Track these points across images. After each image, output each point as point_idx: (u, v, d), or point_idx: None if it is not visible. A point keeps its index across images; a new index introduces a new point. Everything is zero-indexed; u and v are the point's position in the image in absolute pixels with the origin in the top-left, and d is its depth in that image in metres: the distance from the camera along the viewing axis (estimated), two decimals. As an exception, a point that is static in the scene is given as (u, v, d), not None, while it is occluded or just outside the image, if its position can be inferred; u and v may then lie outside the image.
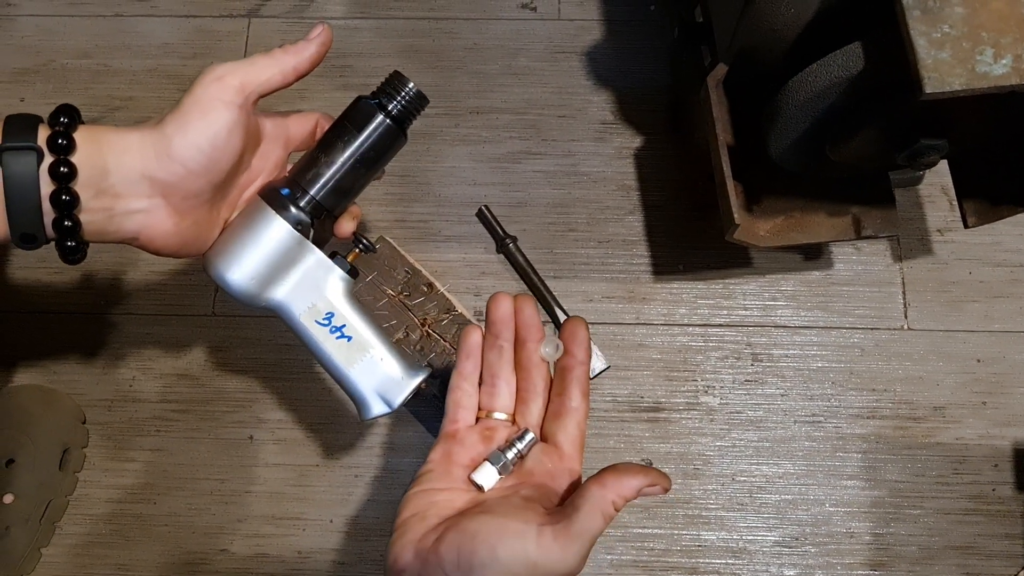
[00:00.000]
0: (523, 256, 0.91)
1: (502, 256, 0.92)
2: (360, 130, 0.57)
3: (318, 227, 0.57)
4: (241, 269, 0.55)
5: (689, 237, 0.92)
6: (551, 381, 0.56)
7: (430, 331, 0.86)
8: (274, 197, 0.56)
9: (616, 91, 0.98)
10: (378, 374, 0.59)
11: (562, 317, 0.89)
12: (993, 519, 0.84)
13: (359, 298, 0.85)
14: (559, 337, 0.55)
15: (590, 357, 0.55)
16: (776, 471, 0.86)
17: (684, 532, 0.85)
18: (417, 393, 0.84)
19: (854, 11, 0.62)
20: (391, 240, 0.90)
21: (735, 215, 0.73)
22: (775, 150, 0.70)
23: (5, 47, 1.02)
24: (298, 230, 0.56)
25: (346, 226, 0.60)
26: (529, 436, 0.53)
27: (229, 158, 0.52)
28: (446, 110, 0.97)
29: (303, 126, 0.59)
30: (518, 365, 0.56)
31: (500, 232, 0.92)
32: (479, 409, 0.56)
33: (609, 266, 0.92)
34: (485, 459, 0.52)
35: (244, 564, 0.85)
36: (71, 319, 0.92)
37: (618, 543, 0.85)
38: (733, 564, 0.84)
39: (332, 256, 0.58)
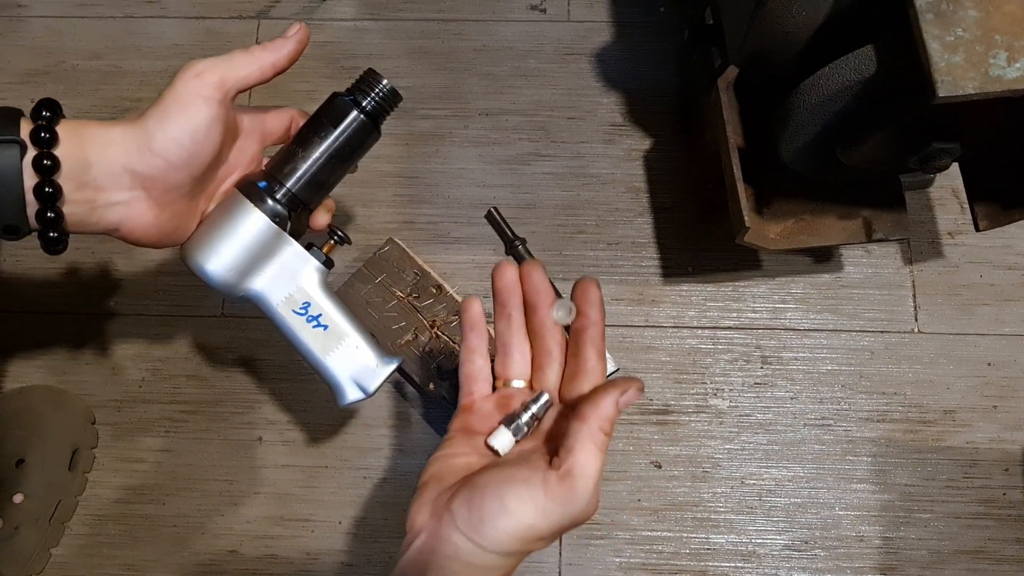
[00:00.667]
0: (532, 258, 0.91)
1: (511, 258, 0.92)
2: (335, 125, 0.59)
3: (294, 219, 0.58)
4: (219, 259, 0.56)
5: (698, 239, 0.92)
6: (567, 344, 0.55)
7: (439, 333, 0.86)
8: (251, 190, 0.57)
9: (625, 93, 0.98)
10: (354, 362, 0.60)
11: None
12: (1003, 523, 0.84)
13: (367, 298, 0.85)
14: (571, 299, 0.54)
15: (604, 317, 0.54)
16: (785, 474, 0.86)
17: (693, 535, 0.85)
18: (426, 395, 0.84)
19: (866, 14, 0.62)
20: (400, 242, 0.90)
21: (745, 218, 0.73)
22: (786, 153, 0.70)
23: (16, 48, 1.02)
24: (275, 222, 0.57)
25: (321, 218, 0.62)
26: (544, 398, 0.52)
27: (208, 152, 0.53)
28: (455, 112, 0.97)
29: (279, 121, 0.60)
30: (531, 332, 0.55)
31: (509, 234, 0.92)
32: (496, 379, 0.55)
33: (618, 268, 0.92)
34: (500, 423, 0.52)
35: (253, 565, 0.85)
36: (81, 320, 0.93)
37: (627, 546, 0.84)
38: (742, 567, 0.84)
39: (308, 247, 0.60)
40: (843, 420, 0.87)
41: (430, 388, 0.85)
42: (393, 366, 0.61)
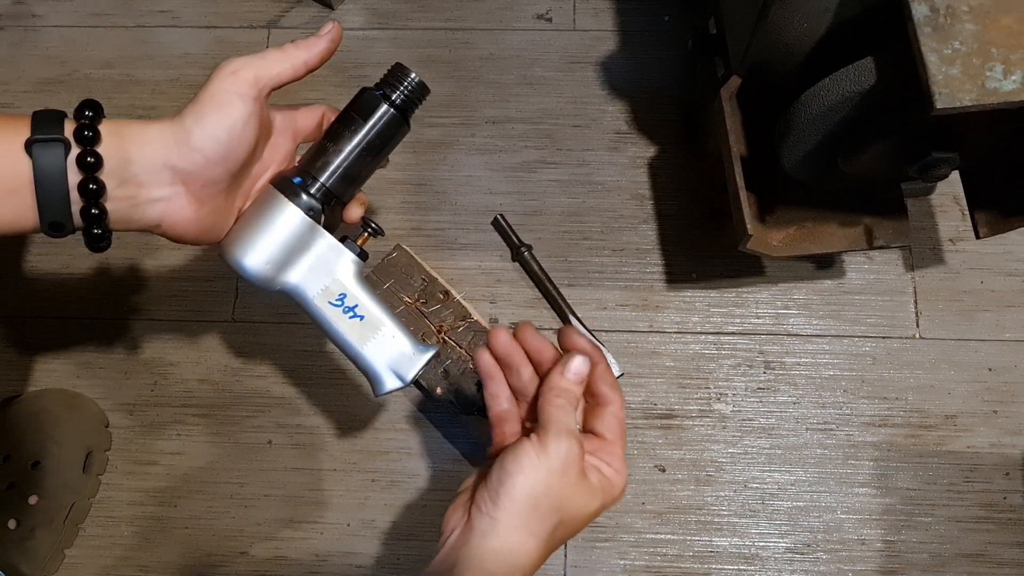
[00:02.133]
0: (538, 264, 0.92)
1: (517, 264, 0.94)
2: (365, 120, 0.59)
3: (328, 213, 0.59)
4: (256, 254, 0.57)
5: (702, 246, 0.93)
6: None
7: (446, 338, 0.88)
8: (286, 185, 0.58)
9: (630, 101, 0.99)
10: (391, 350, 0.61)
11: (576, 324, 0.90)
12: (1004, 527, 0.85)
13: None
14: (562, 349, 0.59)
15: (600, 352, 0.59)
16: (788, 478, 0.87)
17: (696, 538, 0.86)
18: (434, 398, 0.85)
19: (866, 27, 0.63)
20: (408, 248, 0.91)
21: (748, 225, 0.74)
22: (788, 162, 0.71)
23: (31, 57, 1.04)
24: (310, 216, 0.58)
25: (354, 212, 0.63)
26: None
27: (245, 147, 0.54)
28: (463, 120, 0.99)
29: (310, 118, 0.62)
30: (546, 386, 0.57)
31: (515, 240, 0.93)
32: (523, 422, 0.60)
33: (623, 274, 0.93)
34: None
35: (263, 567, 0.87)
36: (95, 325, 0.94)
37: (631, 548, 0.86)
38: (745, 570, 0.85)
39: (342, 240, 0.61)
40: (845, 425, 0.88)
41: (438, 392, 0.86)
42: (430, 354, 0.61)
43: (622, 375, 0.89)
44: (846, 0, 0.63)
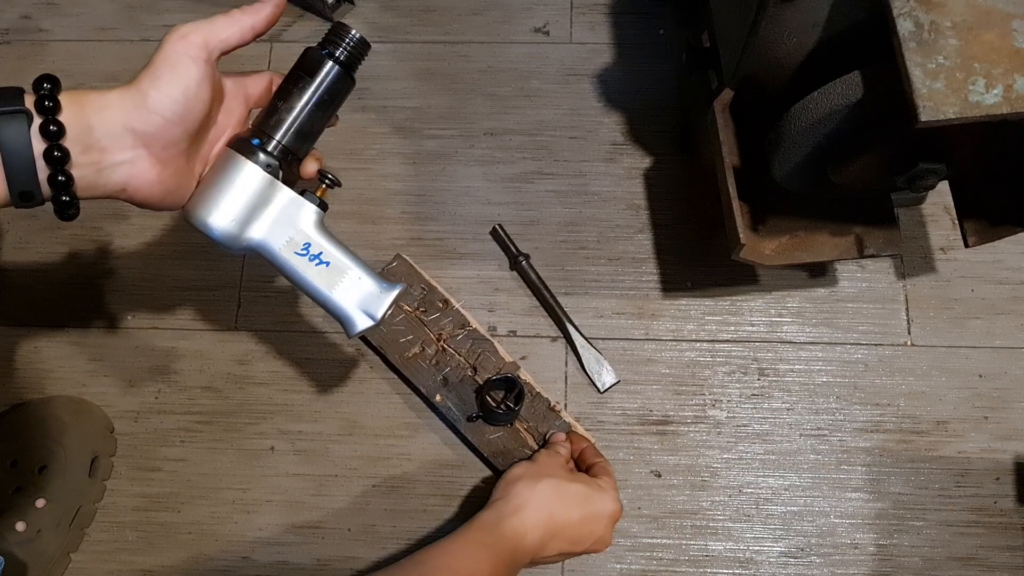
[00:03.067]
0: (535, 273, 0.94)
1: (515, 273, 0.95)
2: (312, 77, 0.61)
3: (285, 169, 0.61)
4: (221, 213, 0.59)
5: (697, 255, 0.95)
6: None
7: (445, 346, 0.89)
8: (243, 146, 0.60)
9: (626, 113, 1.01)
10: (359, 291, 0.63)
11: (574, 333, 0.91)
12: (995, 531, 0.86)
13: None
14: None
15: (583, 439, 0.87)
16: (782, 483, 0.88)
17: (692, 542, 0.87)
18: (433, 406, 0.87)
19: (853, 42, 0.65)
20: (407, 258, 0.93)
21: (740, 235, 0.75)
22: (779, 173, 0.73)
23: (37, 71, 1.04)
24: (268, 172, 0.60)
25: (310, 167, 0.65)
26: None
27: (200, 107, 0.56)
28: (461, 132, 1.01)
29: (259, 83, 0.64)
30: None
31: (513, 250, 0.94)
32: None
33: (619, 283, 0.95)
34: None
35: (265, 571, 0.88)
36: (101, 334, 0.96)
37: (627, 553, 0.87)
38: (740, 574, 0.86)
39: (302, 193, 0.63)
40: (838, 430, 0.89)
41: (437, 399, 0.87)
42: (396, 290, 0.64)
43: (618, 382, 0.91)
44: (834, 16, 0.64)
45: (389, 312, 0.64)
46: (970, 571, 0.85)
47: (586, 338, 0.92)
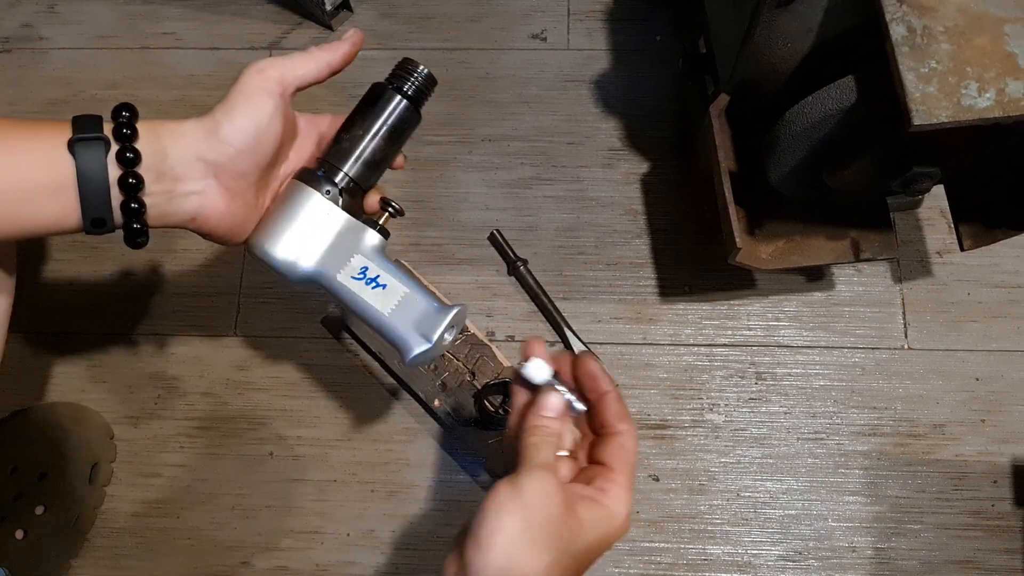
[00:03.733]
0: (533, 279, 0.94)
1: (513, 279, 0.95)
2: (380, 111, 0.62)
3: (349, 200, 0.61)
4: (285, 244, 0.59)
5: (695, 260, 0.95)
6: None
7: (443, 351, 0.89)
8: (309, 176, 0.61)
9: (624, 118, 1.01)
10: (415, 312, 0.61)
11: (572, 337, 0.92)
12: (992, 534, 0.86)
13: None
14: (575, 376, 0.58)
15: (610, 382, 0.57)
16: (780, 487, 0.88)
17: (690, 546, 0.87)
18: (431, 410, 0.87)
19: (847, 47, 0.66)
20: (406, 263, 0.93)
21: (737, 239, 0.75)
22: (774, 177, 0.73)
23: (38, 79, 1.06)
24: (333, 202, 0.60)
25: (373, 199, 0.64)
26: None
27: (272, 140, 0.57)
28: (460, 138, 1.01)
29: (334, 125, 0.64)
30: (523, 426, 0.56)
31: (511, 255, 0.95)
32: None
33: (617, 288, 0.95)
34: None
35: (264, 576, 0.88)
36: (101, 340, 0.96)
37: (625, 556, 0.87)
38: (738, 577, 0.86)
39: (363, 220, 0.62)
40: (835, 434, 0.89)
41: (435, 404, 0.88)
42: (453, 311, 0.61)
43: (616, 386, 0.91)
44: (827, 21, 0.65)
45: (448, 336, 0.61)
46: (968, 574, 0.85)
47: (584, 343, 0.92)
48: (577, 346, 0.91)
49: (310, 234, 0.60)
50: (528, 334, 0.93)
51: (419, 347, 0.60)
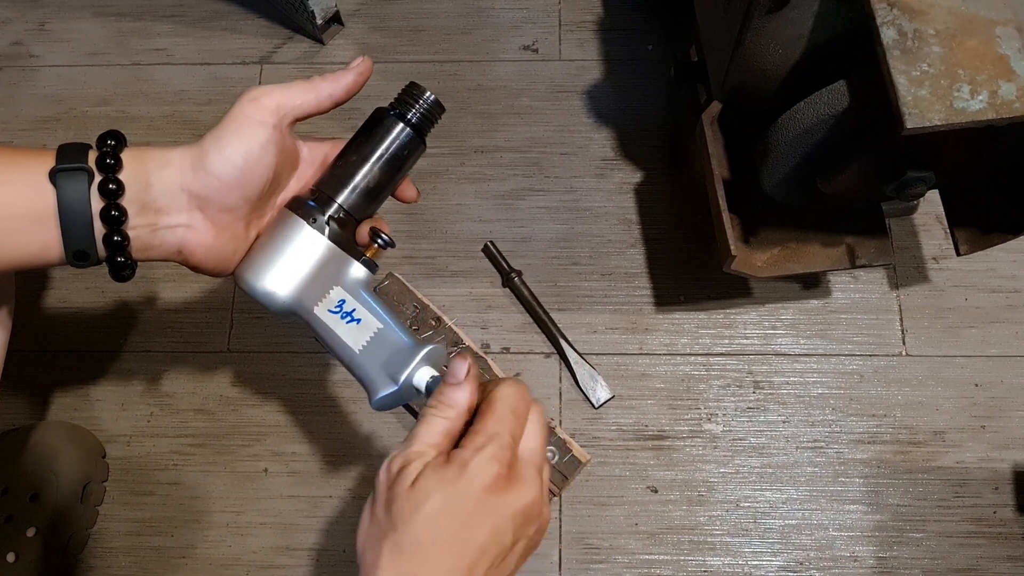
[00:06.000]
0: (528, 290, 0.93)
1: (508, 290, 0.95)
2: (381, 140, 0.58)
3: (339, 231, 0.58)
4: (272, 278, 0.56)
5: (690, 269, 0.95)
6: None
7: (439, 364, 0.89)
8: (300, 206, 0.57)
9: (616, 128, 1.01)
10: (385, 350, 0.57)
11: (567, 348, 0.91)
12: (995, 541, 0.85)
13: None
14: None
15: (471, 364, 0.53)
16: (779, 497, 0.87)
17: (690, 558, 0.86)
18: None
19: (838, 52, 0.65)
20: (400, 276, 0.93)
21: (731, 247, 0.75)
22: (768, 184, 0.73)
23: (29, 96, 1.06)
24: (321, 233, 0.57)
25: (366, 229, 0.60)
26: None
27: (262, 173, 0.54)
28: (452, 150, 1.01)
29: (338, 151, 0.60)
30: None
31: (505, 267, 0.94)
32: None
33: (612, 298, 0.94)
34: None
35: (260, 595, 0.87)
36: (92, 358, 0.95)
37: (625, 570, 0.86)
38: (739, 589, 0.85)
39: (350, 252, 0.58)
40: (834, 442, 0.89)
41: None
42: (424, 350, 0.56)
43: (612, 397, 0.90)
44: (818, 26, 0.64)
45: (418, 378, 0.55)
46: (971, 582, 0.85)
47: (580, 354, 0.91)
48: (573, 357, 0.91)
49: (293, 265, 0.57)
50: (523, 346, 0.93)
51: (385, 389, 0.56)
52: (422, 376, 0.55)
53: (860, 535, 0.86)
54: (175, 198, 0.52)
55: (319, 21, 1.02)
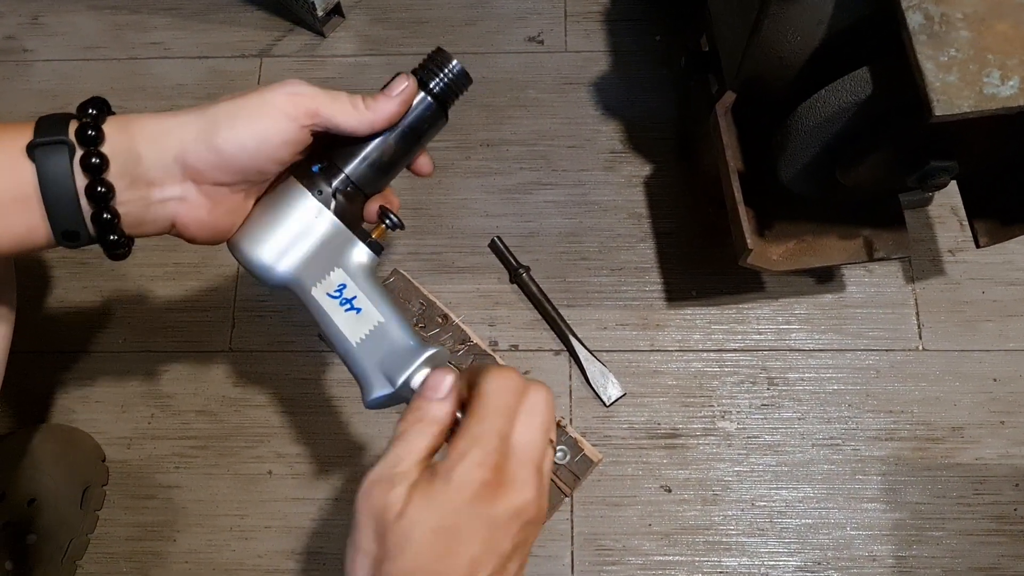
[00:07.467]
0: (536, 286, 0.91)
1: (516, 286, 0.93)
2: None
3: (348, 203, 0.54)
4: (268, 248, 0.53)
5: (701, 263, 0.93)
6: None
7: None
8: (302, 172, 0.53)
9: (624, 120, 0.99)
10: (385, 346, 0.53)
11: (577, 345, 0.89)
12: (1016, 539, 0.84)
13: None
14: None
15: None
16: (796, 495, 0.86)
17: (705, 559, 0.84)
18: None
19: (859, 37, 0.63)
20: (405, 273, 0.91)
21: (748, 240, 0.73)
22: (786, 176, 0.71)
23: (23, 92, 1.04)
24: (324, 203, 0.53)
25: (375, 205, 0.57)
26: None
27: (268, 167, 0.51)
28: (457, 143, 0.99)
29: None
30: None
31: (513, 262, 0.92)
32: None
33: (622, 293, 0.93)
34: None
35: (265, 600, 0.85)
36: (90, 359, 0.93)
37: (639, 571, 0.84)
38: (755, 590, 0.84)
39: (355, 231, 0.55)
40: (851, 439, 0.87)
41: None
42: (427, 353, 0.51)
43: (624, 395, 0.88)
44: (839, 12, 0.62)
45: (416, 382, 0.50)
46: (992, 581, 0.83)
47: (590, 351, 0.89)
48: (583, 354, 0.89)
49: (293, 237, 0.53)
50: (532, 343, 0.91)
51: (380, 390, 0.52)
52: (421, 381, 0.50)
53: (878, 534, 0.84)
54: (168, 169, 0.48)
55: (320, 13, 1.00)
